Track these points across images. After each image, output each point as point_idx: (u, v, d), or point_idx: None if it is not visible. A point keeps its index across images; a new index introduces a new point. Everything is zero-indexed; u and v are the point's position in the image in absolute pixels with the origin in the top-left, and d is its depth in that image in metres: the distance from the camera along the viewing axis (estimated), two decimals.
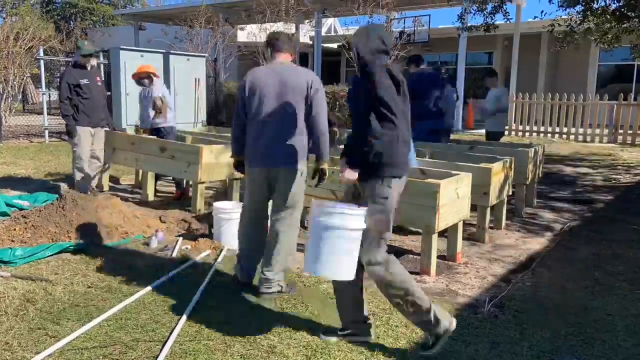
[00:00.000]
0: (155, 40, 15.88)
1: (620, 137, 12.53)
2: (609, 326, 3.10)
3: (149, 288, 3.47)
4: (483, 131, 8.42)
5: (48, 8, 29.50)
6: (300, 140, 3.29)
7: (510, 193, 5.23)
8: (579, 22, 8.71)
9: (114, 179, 7.10)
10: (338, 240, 2.50)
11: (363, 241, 2.58)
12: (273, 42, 3.37)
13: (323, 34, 18.53)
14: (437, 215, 3.74)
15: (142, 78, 6.20)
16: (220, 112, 13.13)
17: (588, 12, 8.19)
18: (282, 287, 3.39)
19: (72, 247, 4.10)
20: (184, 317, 3.05)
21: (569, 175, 8.33)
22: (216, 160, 5.43)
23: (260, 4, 14.44)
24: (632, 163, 9.60)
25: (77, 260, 3.96)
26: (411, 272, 3.93)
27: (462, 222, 4.22)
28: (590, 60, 17.19)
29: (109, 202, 4.84)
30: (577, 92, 13.47)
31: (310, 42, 20.50)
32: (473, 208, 4.46)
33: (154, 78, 6.22)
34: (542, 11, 13.61)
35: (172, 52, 10.70)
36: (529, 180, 5.71)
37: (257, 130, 3.29)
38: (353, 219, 2.52)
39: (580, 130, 12.92)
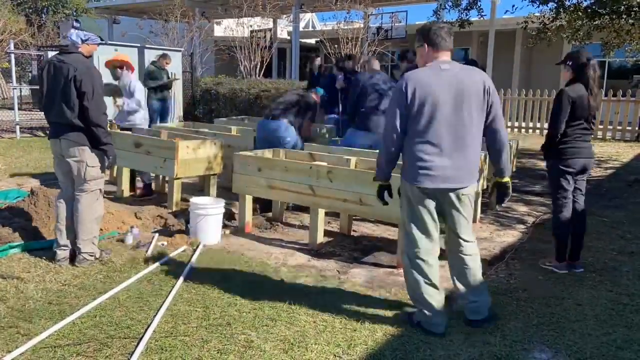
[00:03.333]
0: (129, 35, 15.60)
1: None
2: (579, 315, 3.19)
3: (123, 285, 3.44)
4: None
5: (19, 1, 28.69)
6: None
7: (485, 187, 5.31)
8: (551, 19, 8.86)
9: None
10: None
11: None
12: None
13: (301, 29, 18.45)
14: None
15: (117, 67, 5.93)
16: (197, 107, 13.01)
17: (560, 10, 8.34)
18: None
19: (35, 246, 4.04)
20: (160, 313, 3.03)
21: (543, 170, 8.49)
22: (193, 156, 5.38)
23: None
24: (602, 157, 9.83)
25: (50, 257, 3.89)
26: (389, 267, 3.99)
27: None
28: (562, 57, 17.51)
29: None
30: (550, 88, 13.72)
31: (288, 38, 20.41)
32: None
33: (126, 71, 5.96)
34: (513, 5, 13.84)
35: (147, 46, 10.52)
36: None
37: None
38: None
39: None
